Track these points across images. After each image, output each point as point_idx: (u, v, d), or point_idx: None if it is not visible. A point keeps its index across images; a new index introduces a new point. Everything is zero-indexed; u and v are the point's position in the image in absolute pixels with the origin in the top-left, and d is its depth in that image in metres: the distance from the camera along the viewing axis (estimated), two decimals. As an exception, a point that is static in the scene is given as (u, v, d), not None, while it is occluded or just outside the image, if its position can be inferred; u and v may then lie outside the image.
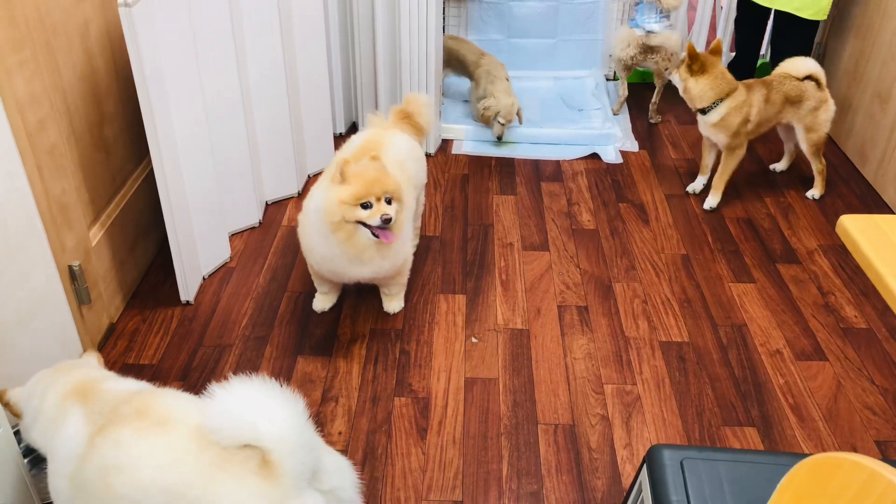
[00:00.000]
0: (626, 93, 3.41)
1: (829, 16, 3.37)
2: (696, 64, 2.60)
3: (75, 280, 1.92)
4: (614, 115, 3.38)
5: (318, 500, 1.17)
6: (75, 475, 1.23)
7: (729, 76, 2.63)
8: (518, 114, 3.15)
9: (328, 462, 1.24)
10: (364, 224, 1.86)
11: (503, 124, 3.12)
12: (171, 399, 1.28)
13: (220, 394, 1.15)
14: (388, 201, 1.86)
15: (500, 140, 3.17)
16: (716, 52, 2.64)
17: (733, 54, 3.45)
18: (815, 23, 3.00)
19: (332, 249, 1.93)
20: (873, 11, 3.02)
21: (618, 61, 3.33)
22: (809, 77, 2.68)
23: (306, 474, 1.16)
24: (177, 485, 1.15)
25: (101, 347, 2.09)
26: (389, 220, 1.84)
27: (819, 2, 2.88)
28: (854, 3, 3.17)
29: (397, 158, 2.10)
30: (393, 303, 2.24)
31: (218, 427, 1.16)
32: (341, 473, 1.26)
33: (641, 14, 3.21)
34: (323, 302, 2.25)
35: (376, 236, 1.88)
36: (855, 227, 1.15)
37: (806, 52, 3.00)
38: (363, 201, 1.83)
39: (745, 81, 2.68)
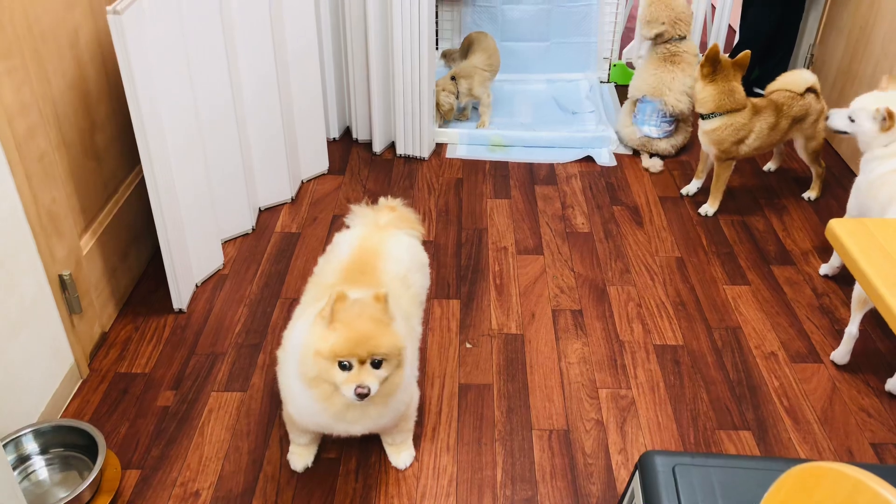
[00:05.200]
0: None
1: (821, 18, 3.38)
2: (707, 68, 2.54)
3: (66, 289, 1.91)
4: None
5: None
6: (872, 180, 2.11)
7: (739, 95, 2.55)
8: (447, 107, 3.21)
9: None
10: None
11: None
12: None
13: None
14: (377, 364, 1.43)
15: (446, 122, 3.27)
16: (740, 64, 2.55)
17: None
18: None
19: (312, 403, 1.52)
20: (865, 12, 3.02)
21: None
22: (809, 89, 2.65)
23: None
24: None
25: (93, 356, 2.08)
26: (366, 395, 1.41)
27: None
28: (846, 4, 3.17)
29: (399, 272, 1.73)
30: (402, 455, 1.79)
31: None
32: None
33: (642, 114, 3.01)
34: (302, 457, 1.78)
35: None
36: (844, 231, 1.14)
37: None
38: (341, 360, 1.42)
39: (755, 103, 2.60)
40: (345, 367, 1.41)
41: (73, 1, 1.97)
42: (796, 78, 2.67)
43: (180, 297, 2.23)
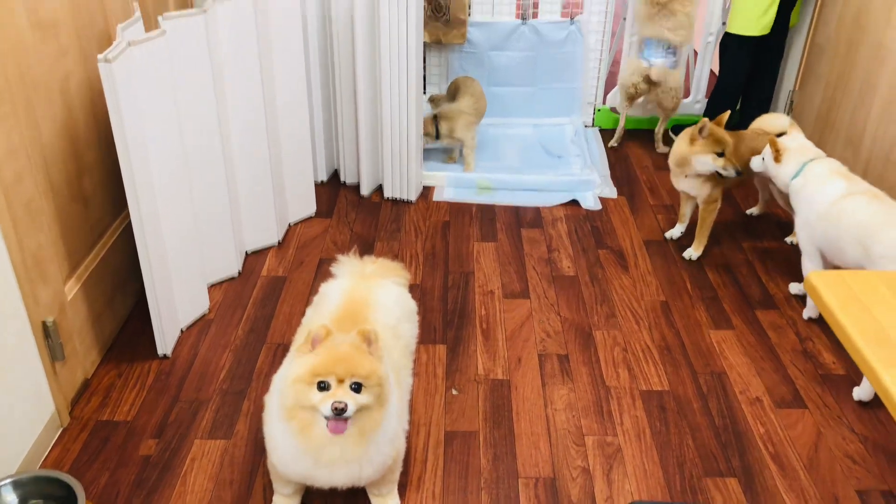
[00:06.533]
0: (624, 125, 3.61)
1: (800, 66, 3.47)
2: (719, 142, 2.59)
3: (49, 336, 1.90)
4: (613, 146, 3.62)
5: None
6: (826, 211, 2.25)
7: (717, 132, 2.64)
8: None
9: None
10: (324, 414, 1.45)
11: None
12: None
13: None
14: (357, 388, 1.45)
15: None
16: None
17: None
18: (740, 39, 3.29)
19: (289, 443, 1.51)
20: (842, 61, 3.10)
21: (622, 88, 3.50)
22: (783, 134, 2.71)
23: None
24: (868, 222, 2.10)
25: (75, 404, 2.06)
26: (343, 410, 1.41)
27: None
28: (823, 54, 3.26)
29: (390, 323, 1.75)
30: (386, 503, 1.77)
31: None
32: None
33: (648, 48, 3.41)
34: None
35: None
36: (822, 284, 1.16)
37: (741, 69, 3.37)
38: (320, 380, 1.43)
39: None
40: (323, 387, 1.44)
41: (65, 48, 2.00)
42: (773, 120, 2.76)
43: (165, 342, 2.21)
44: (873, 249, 2.09)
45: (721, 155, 2.57)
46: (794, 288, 2.58)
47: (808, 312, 2.46)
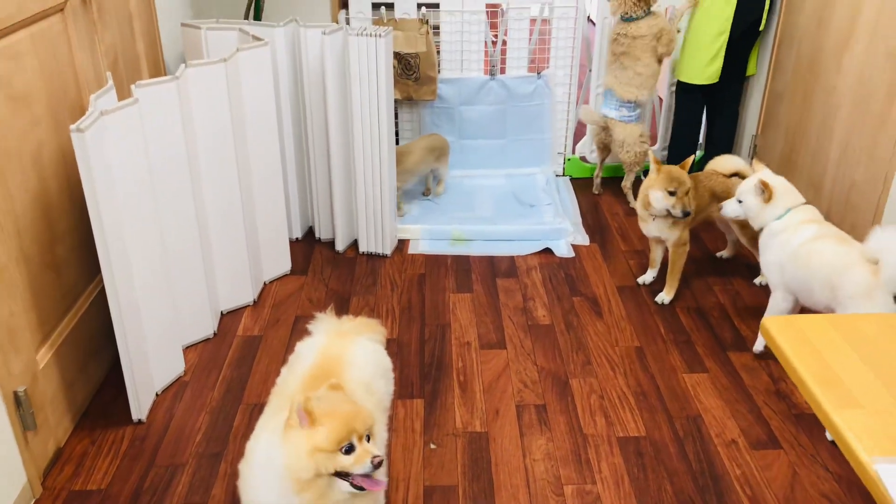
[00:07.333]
0: (600, 173, 3.71)
1: (760, 112, 3.59)
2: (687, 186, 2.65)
3: (20, 406, 1.88)
4: (596, 193, 3.73)
5: None
6: (795, 251, 2.32)
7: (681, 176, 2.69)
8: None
9: None
10: (341, 475, 1.44)
11: None
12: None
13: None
14: (368, 438, 1.48)
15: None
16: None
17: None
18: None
19: None
20: (799, 108, 3.21)
21: (591, 135, 3.71)
22: (737, 174, 2.80)
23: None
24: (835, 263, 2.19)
25: (47, 474, 2.03)
26: (381, 462, 1.44)
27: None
28: (781, 101, 3.38)
29: (363, 379, 1.73)
30: None
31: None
32: None
33: (606, 99, 3.51)
34: None
35: (359, 488, 1.45)
36: (775, 328, 1.20)
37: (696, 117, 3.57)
38: (345, 445, 1.44)
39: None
40: (348, 450, 1.44)
41: (37, 118, 2.03)
42: (725, 161, 2.86)
43: (140, 407, 2.20)
44: (840, 290, 2.14)
45: (672, 194, 2.62)
46: None
47: None
